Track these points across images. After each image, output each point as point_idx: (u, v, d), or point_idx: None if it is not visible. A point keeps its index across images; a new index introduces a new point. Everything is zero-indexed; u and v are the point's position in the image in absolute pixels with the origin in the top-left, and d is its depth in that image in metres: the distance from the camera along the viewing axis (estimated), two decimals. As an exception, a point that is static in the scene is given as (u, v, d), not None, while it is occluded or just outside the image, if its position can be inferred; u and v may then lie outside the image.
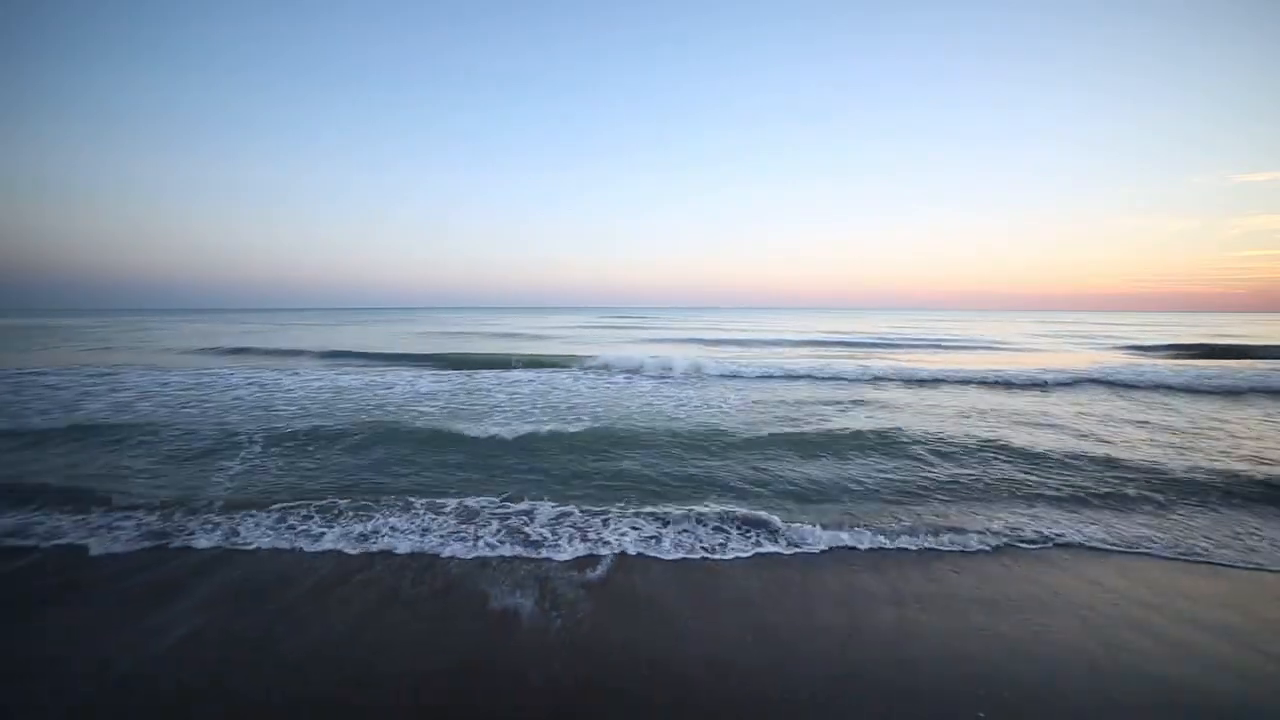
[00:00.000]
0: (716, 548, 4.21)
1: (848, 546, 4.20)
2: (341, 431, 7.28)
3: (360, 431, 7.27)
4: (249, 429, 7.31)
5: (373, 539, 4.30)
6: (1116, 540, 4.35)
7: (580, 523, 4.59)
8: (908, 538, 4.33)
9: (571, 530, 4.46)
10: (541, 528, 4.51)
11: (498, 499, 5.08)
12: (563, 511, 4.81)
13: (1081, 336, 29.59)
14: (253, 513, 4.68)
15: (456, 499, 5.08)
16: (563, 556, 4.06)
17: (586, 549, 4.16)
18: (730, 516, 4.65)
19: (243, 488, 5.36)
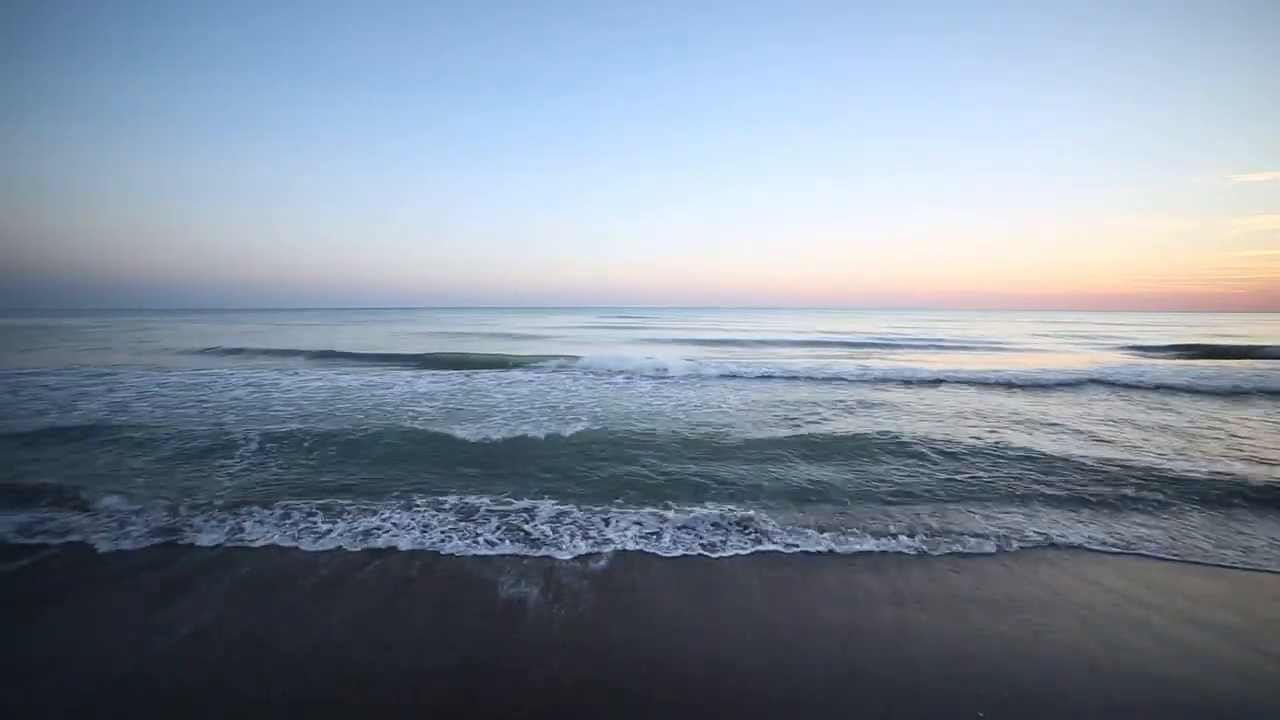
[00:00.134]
0: (716, 545, 4.21)
1: (847, 546, 4.20)
2: (341, 431, 7.27)
3: (359, 431, 7.27)
4: (245, 429, 7.30)
5: (374, 537, 4.30)
6: (1116, 540, 4.35)
7: (581, 521, 4.59)
8: (907, 538, 4.33)
9: (572, 529, 4.46)
10: (542, 526, 4.51)
11: (497, 497, 5.08)
12: (562, 510, 4.81)
13: (1082, 336, 29.59)
14: (253, 512, 4.67)
15: (457, 497, 5.08)
16: (563, 555, 4.05)
17: (586, 547, 4.16)
18: (730, 516, 4.64)
19: (241, 487, 5.36)
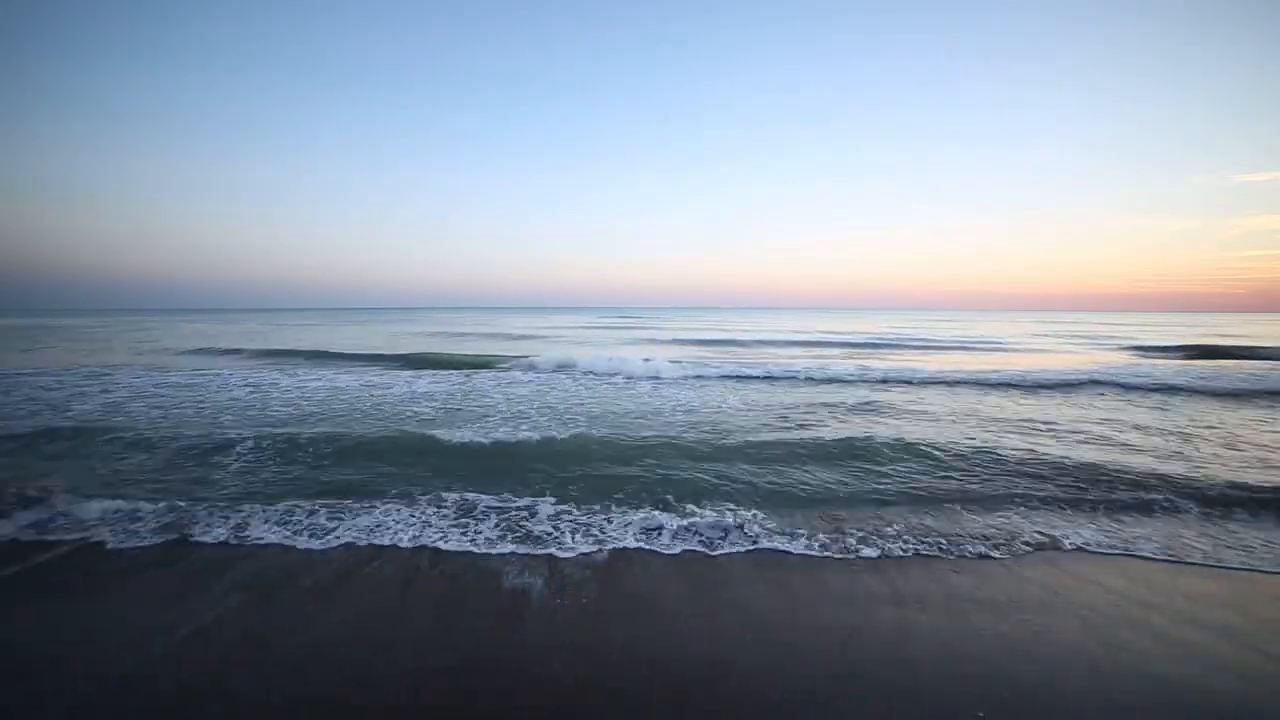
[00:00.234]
0: (716, 545, 4.22)
1: (846, 546, 4.20)
2: (339, 431, 7.28)
3: (357, 431, 7.29)
4: (241, 430, 7.32)
5: (374, 536, 4.32)
6: (1117, 541, 4.35)
7: (581, 520, 4.60)
8: (906, 539, 4.33)
9: (571, 528, 4.46)
10: (541, 525, 4.51)
11: (497, 496, 5.07)
12: (561, 509, 4.82)
13: (1082, 337, 29.60)
14: (253, 512, 4.67)
15: (457, 494, 5.11)
16: (562, 554, 4.06)
17: (585, 546, 4.16)
18: (729, 516, 4.64)
19: (238, 487, 5.35)
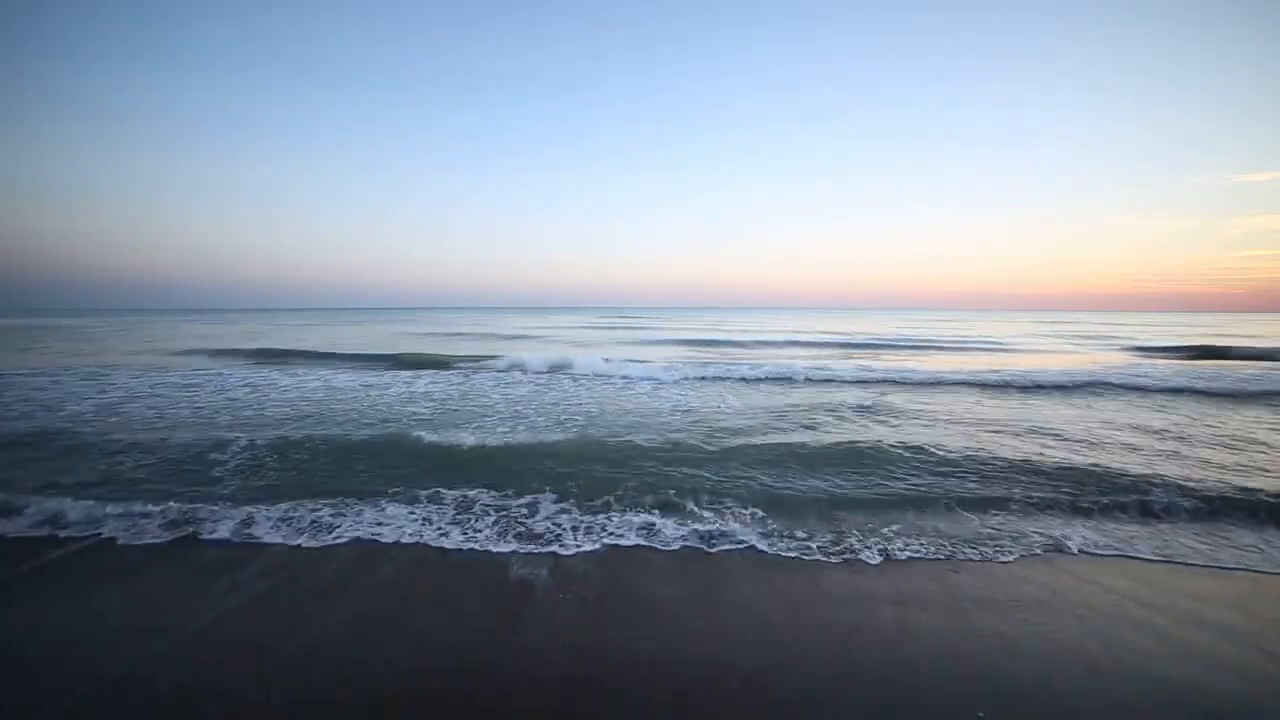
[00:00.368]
0: (716, 543, 4.22)
1: (846, 547, 4.19)
2: (337, 431, 7.28)
3: (356, 431, 7.29)
4: (237, 430, 7.32)
5: (373, 535, 4.32)
6: (1116, 541, 4.35)
7: (581, 519, 4.60)
8: (906, 539, 4.33)
9: (570, 527, 4.46)
10: (541, 523, 4.51)
11: (495, 495, 5.08)
12: (560, 508, 4.83)
13: (1083, 337, 29.59)
14: (252, 512, 4.65)
15: (457, 492, 5.13)
16: (565, 552, 4.07)
17: (586, 546, 4.17)
18: (729, 515, 4.65)
19: (235, 488, 5.34)
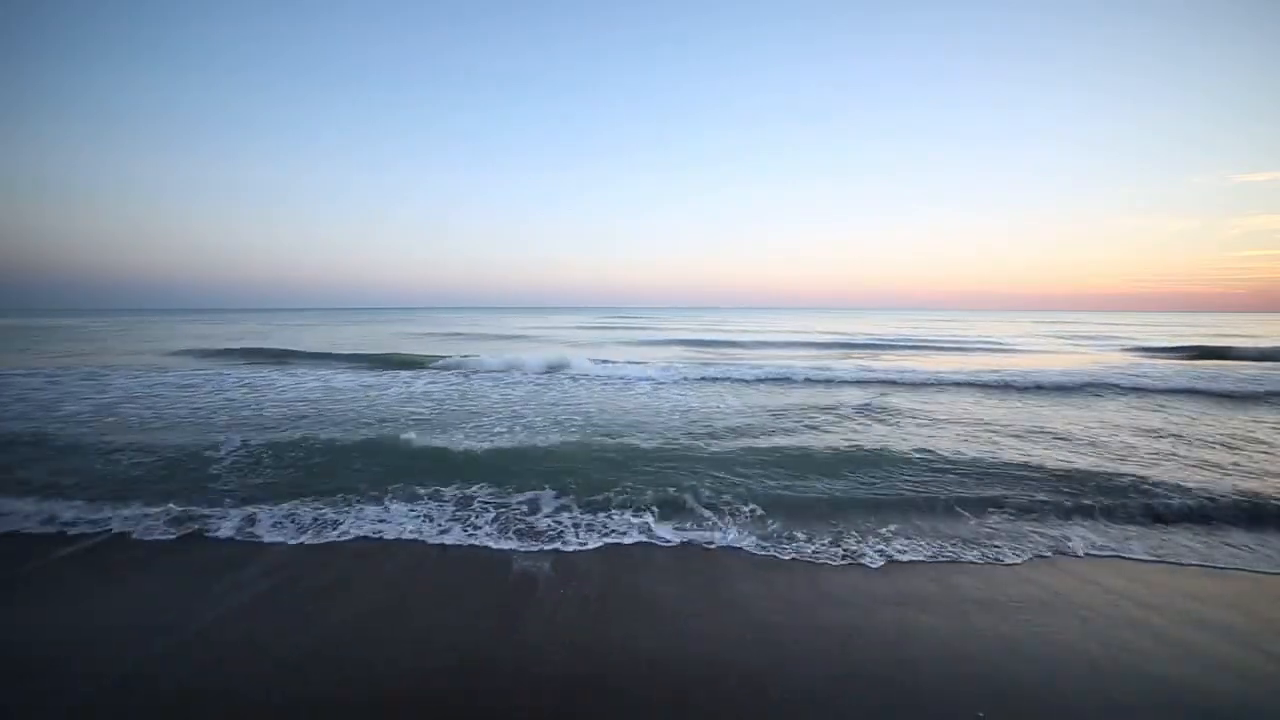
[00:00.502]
0: (716, 543, 4.22)
1: (846, 547, 4.20)
2: (339, 434, 7.29)
3: (354, 431, 7.30)
4: (236, 429, 7.33)
5: (375, 534, 4.34)
6: (1117, 542, 4.35)
7: (581, 519, 4.60)
8: (906, 539, 4.33)
9: (569, 527, 4.47)
10: (542, 522, 4.52)
11: (497, 493, 5.09)
12: (560, 506, 4.85)
13: (1083, 337, 29.58)
14: (251, 512, 4.66)
15: (457, 490, 5.15)
16: (566, 549, 4.08)
17: (586, 545, 4.17)
18: (729, 516, 4.66)
19: (233, 488, 5.33)
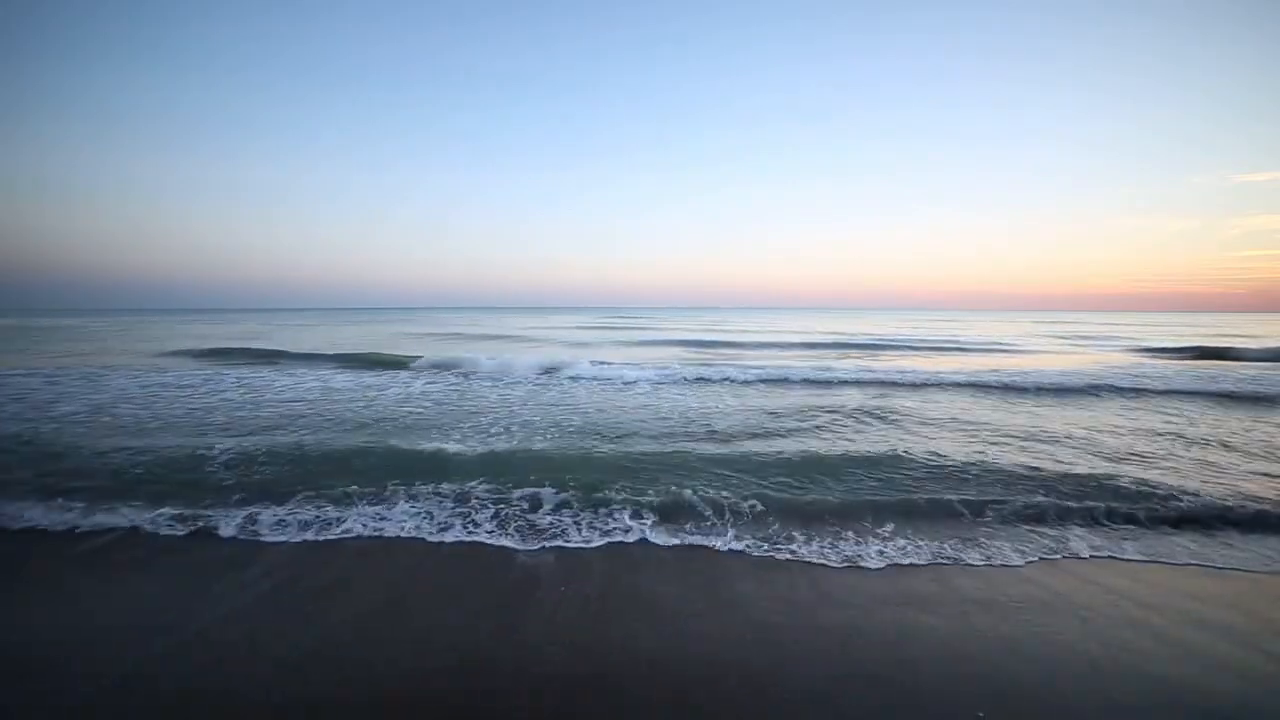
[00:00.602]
0: (716, 543, 4.22)
1: (845, 548, 4.20)
2: (339, 433, 7.29)
3: (353, 430, 7.30)
4: (233, 429, 7.34)
5: (375, 534, 4.35)
6: (1117, 542, 4.35)
7: (579, 516, 4.61)
8: (906, 540, 4.33)
9: (572, 523, 4.49)
10: (542, 521, 4.53)
11: (496, 492, 5.07)
12: (560, 504, 4.86)
13: (1083, 337, 29.58)
14: (249, 512, 4.66)
15: (457, 489, 5.15)
16: (568, 546, 4.09)
17: (586, 542, 4.18)
18: (729, 516, 4.66)
19: (231, 488, 5.31)
